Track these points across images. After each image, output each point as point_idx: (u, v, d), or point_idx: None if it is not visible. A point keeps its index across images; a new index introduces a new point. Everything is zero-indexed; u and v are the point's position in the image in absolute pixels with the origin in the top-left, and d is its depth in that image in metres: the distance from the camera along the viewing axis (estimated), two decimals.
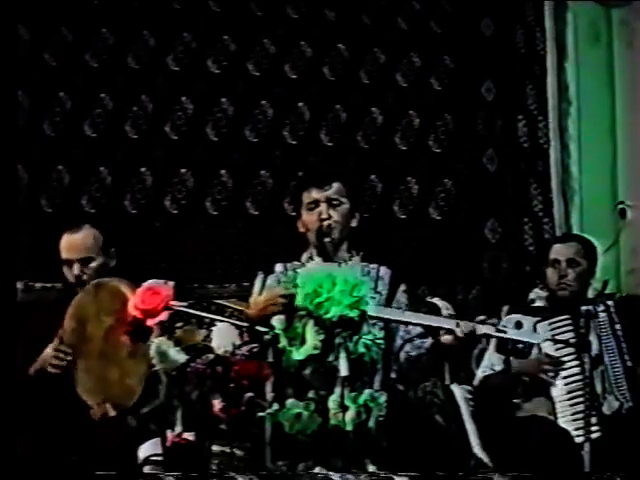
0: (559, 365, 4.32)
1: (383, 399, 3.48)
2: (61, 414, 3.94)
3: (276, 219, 5.21)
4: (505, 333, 3.72)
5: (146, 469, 3.68)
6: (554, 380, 4.32)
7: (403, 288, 3.98)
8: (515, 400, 4.42)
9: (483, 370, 4.50)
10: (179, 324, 3.69)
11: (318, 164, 5.30)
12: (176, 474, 3.46)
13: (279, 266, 4.00)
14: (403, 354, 3.85)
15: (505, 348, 3.88)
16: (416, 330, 3.87)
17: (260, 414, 3.47)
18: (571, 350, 4.32)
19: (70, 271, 4.25)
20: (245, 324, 3.64)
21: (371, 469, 3.45)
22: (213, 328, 3.69)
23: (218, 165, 5.30)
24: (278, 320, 3.50)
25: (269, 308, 3.57)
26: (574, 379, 4.30)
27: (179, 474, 3.46)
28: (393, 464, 3.46)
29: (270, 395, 3.51)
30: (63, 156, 5.15)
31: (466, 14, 5.58)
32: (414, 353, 3.84)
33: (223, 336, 3.64)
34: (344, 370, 3.43)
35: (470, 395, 4.49)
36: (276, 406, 3.46)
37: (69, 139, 5.16)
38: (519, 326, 3.74)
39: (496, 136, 5.60)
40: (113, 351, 3.91)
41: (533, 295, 4.70)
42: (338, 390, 3.43)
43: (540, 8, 5.69)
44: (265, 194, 5.32)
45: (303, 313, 3.46)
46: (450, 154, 5.53)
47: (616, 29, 5.73)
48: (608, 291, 4.48)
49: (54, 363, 4.02)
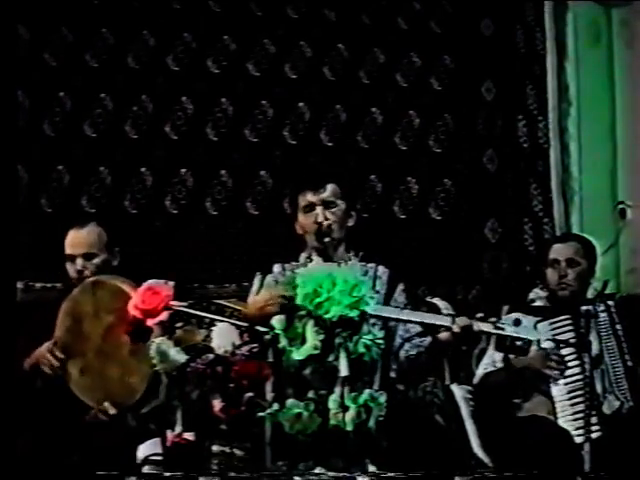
0: (564, 363, 4.32)
1: (383, 399, 3.48)
2: (61, 414, 3.95)
3: (276, 219, 5.21)
4: (503, 330, 3.73)
5: (146, 469, 3.68)
6: (559, 376, 4.31)
7: (402, 287, 3.99)
8: (515, 400, 4.42)
9: (484, 367, 4.50)
10: (179, 324, 3.69)
11: (318, 164, 5.30)
12: (176, 474, 3.46)
13: (277, 266, 4.02)
14: (403, 353, 3.86)
15: (504, 345, 3.88)
16: (415, 329, 3.89)
17: (260, 414, 3.48)
18: (571, 350, 4.32)
19: (73, 266, 4.26)
20: (245, 324, 3.64)
21: (371, 469, 3.45)
22: (213, 328, 3.69)
23: (218, 165, 5.29)
24: (278, 320, 3.50)
25: (267, 308, 3.57)
26: (574, 379, 4.30)
27: (179, 474, 3.46)
28: (393, 464, 3.46)
29: (270, 395, 3.52)
30: (63, 156, 5.14)
31: (466, 14, 5.58)
32: (414, 352, 3.85)
33: (223, 336, 3.65)
34: (344, 370, 3.43)
35: (470, 395, 4.50)
36: (276, 406, 3.46)
37: (69, 139, 5.15)
38: (517, 323, 3.75)
39: (496, 136, 5.60)
40: (113, 349, 3.91)
41: (533, 295, 4.70)
42: (338, 390, 3.43)
43: (540, 8, 5.69)
44: (265, 194, 5.32)
45: (303, 313, 3.46)
46: (450, 154, 5.53)
47: (616, 29, 5.73)
48: (608, 291, 4.48)
49: (46, 363, 4.02)
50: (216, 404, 3.54)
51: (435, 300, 4.61)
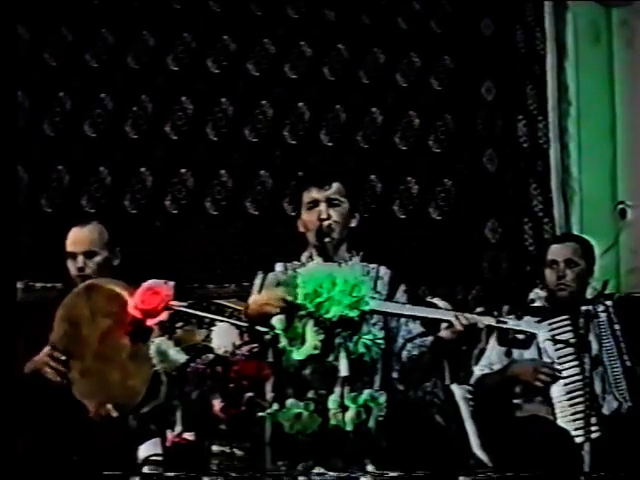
0: (556, 374, 4.30)
1: (383, 399, 3.48)
2: (61, 414, 3.94)
3: (276, 219, 5.21)
4: (505, 323, 3.73)
5: (146, 469, 3.68)
6: (549, 387, 4.29)
7: (403, 288, 3.98)
8: (516, 400, 4.41)
9: (481, 368, 4.50)
10: (179, 324, 3.69)
11: (318, 164, 5.30)
12: (180, 474, 3.47)
13: (279, 265, 4.01)
14: (405, 353, 3.85)
15: (506, 339, 3.87)
16: (417, 329, 3.89)
17: (260, 414, 3.47)
18: (571, 350, 4.32)
19: (74, 264, 4.26)
20: (245, 324, 3.64)
21: (371, 469, 3.45)
22: (213, 328, 3.69)
23: (218, 165, 5.30)
24: (278, 320, 3.50)
25: (267, 308, 3.57)
26: (574, 379, 4.30)
27: (179, 474, 3.46)
28: (393, 464, 3.46)
29: (270, 395, 3.51)
30: (63, 156, 5.15)
31: (466, 14, 5.58)
32: (416, 352, 3.85)
33: (223, 336, 3.65)
34: (344, 370, 3.43)
35: (470, 395, 4.50)
36: (276, 406, 3.46)
37: (69, 139, 5.16)
38: (519, 317, 3.75)
39: (496, 136, 5.60)
40: (112, 353, 3.90)
41: (533, 295, 4.70)
42: (338, 390, 3.43)
43: (540, 8, 5.70)
44: (265, 194, 5.32)
45: (303, 313, 3.46)
46: (450, 154, 5.53)
47: (616, 29, 5.73)
48: (608, 291, 4.47)
49: (51, 371, 4.00)
50: (216, 404, 3.54)
51: (435, 300, 4.61)
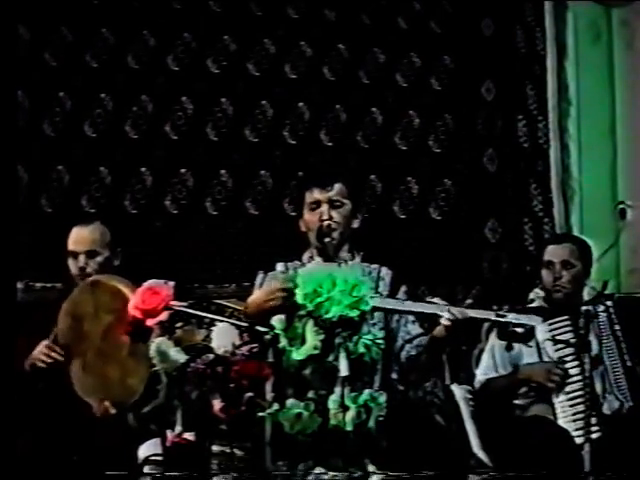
0: (566, 376, 4.29)
1: (383, 399, 3.48)
2: (61, 414, 3.94)
3: (276, 219, 5.22)
4: (504, 317, 3.73)
5: (146, 469, 3.68)
6: (559, 390, 4.28)
7: (404, 289, 3.98)
8: (521, 403, 4.40)
9: (485, 372, 4.49)
10: (179, 324, 3.69)
11: (318, 164, 5.30)
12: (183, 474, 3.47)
13: (280, 265, 4.00)
14: (404, 354, 3.86)
15: (505, 333, 3.86)
16: (416, 330, 3.89)
17: (260, 414, 3.47)
18: (571, 350, 4.31)
19: (75, 263, 4.26)
20: (245, 324, 3.64)
21: (371, 469, 3.45)
22: (213, 328, 3.69)
23: (218, 165, 5.30)
24: (278, 320, 3.50)
25: (268, 303, 3.57)
26: (574, 379, 4.29)
27: (179, 474, 3.46)
28: (393, 464, 3.46)
29: (270, 395, 3.51)
30: (63, 156, 5.15)
31: (466, 14, 5.58)
32: (414, 353, 3.85)
33: (223, 336, 3.64)
34: (344, 370, 3.43)
35: (470, 395, 4.49)
36: (276, 406, 3.46)
37: (69, 139, 5.16)
38: (519, 312, 3.75)
39: (496, 136, 5.60)
40: (113, 350, 3.90)
41: (533, 295, 4.69)
42: (338, 390, 3.43)
43: (540, 8, 5.69)
44: (265, 194, 5.32)
45: (303, 313, 3.46)
46: (450, 154, 5.53)
47: (616, 29, 5.73)
48: (608, 291, 4.46)
49: (42, 358, 4.02)
50: (216, 404, 3.54)
51: (435, 300, 4.60)
